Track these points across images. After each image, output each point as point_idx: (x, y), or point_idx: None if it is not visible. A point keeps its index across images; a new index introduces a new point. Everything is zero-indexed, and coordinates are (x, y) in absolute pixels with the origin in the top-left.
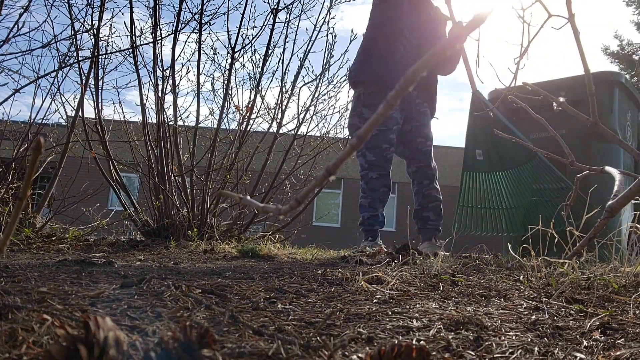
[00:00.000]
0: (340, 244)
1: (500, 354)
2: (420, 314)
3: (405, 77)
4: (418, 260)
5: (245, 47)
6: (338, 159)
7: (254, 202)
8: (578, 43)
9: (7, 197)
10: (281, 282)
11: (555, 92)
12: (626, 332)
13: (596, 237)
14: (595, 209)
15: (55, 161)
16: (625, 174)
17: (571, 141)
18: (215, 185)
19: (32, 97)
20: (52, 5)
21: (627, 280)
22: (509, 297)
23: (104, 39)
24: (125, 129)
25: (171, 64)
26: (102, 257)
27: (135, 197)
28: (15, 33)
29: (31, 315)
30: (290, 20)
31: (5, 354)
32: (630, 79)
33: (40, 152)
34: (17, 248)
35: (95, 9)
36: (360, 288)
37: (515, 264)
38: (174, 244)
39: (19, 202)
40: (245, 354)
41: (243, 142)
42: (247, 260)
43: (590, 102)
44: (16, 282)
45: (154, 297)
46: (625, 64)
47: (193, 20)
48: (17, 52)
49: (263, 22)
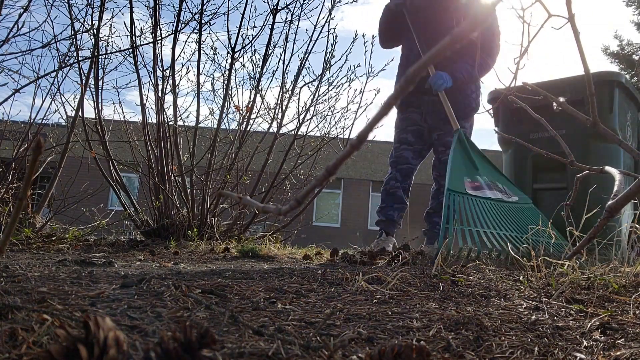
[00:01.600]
0: (341, 244)
1: (500, 354)
2: (420, 314)
3: (405, 77)
4: (417, 260)
5: (245, 47)
6: (338, 159)
7: (254, 202)
8: (578, 43)
9: (7, 197)
10: (281, 282)
11: (555, 92)
12: (626, 332)
13: (596, 237)
14: (595, 209)
15: (55, 161)
16: (625, 174)
17: (571, 141)
18: (215, 185)
19: (32, 97)
20: (52, 5)
21: (627, 280)
22: (509, 297)
23: (104, 39)
24: (125, 129)
25: (171, 64)
26: (102, 257)
27: (135, 197)
28: (15, 33)
29: (31, 315)
30: (290, 20)
31: (5, 354)
32: (630, 79)
33: (40, 152)
34: (17, 248)
35: (95, 9)
36: (360, 288)
37: (515, 264)
38: (174, 244)
39: (19, 202)
40: (245, 354)
41: (243, 142)
42: (247, 260)
43: (590, 102)
44: (16, 282)
45: (154, 297)
46: (625, 64)
47: (193, 20)
48: (17, 52)
49: (263, 22)
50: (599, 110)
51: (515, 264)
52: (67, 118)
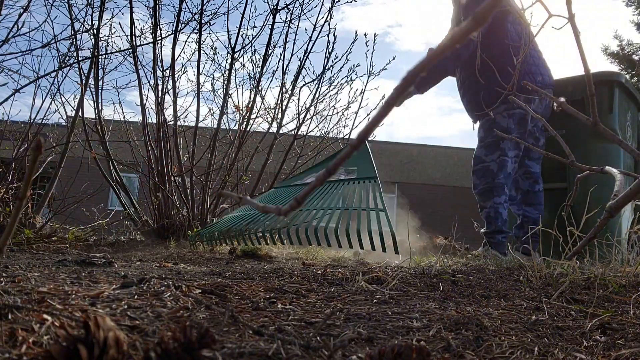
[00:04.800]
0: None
1: (500, 354)
2: (420, 314)
3: (404, 78)
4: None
5: (245, 47)
6: (338, 158)
7: (254, 202)
8: (578, 43)
9: (7, 197)
10: (281, 282)
11: (555, 92)
12: (626, 332)
13: (596, 237)
14: (595, 209)
15: (55, 161)
16: (625, 174)
17: (571, 141)
18: (215, 185)
19: (32, 97)
20: (52, 5)
21: (627, 280)
22: (509, 297)
23: (104, 39)
24: (125, 129)
25: (171, 64)
26: (102, 257)
27: (135, 197)
28: (15, 33)
29: (31, 315)
30: (290, 20)
31: (5, 354)
32: (630, 79)
33: (40, 152)
34: (17, 248)
35: (95, 9)
36: (360, 288)
37: (515, 264)
38: (174, 244)
39: (19, 202)
40: (245, 354)
41: (243, 142)
42: (247, 260)
43: (590, 102)
44: (16, 282)
45: (154, 297)
46: (625, 64)
47: (193, 20)
48: (17, 52)
49: (263, 22)
50: (599, 110)
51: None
52: (67, 118)
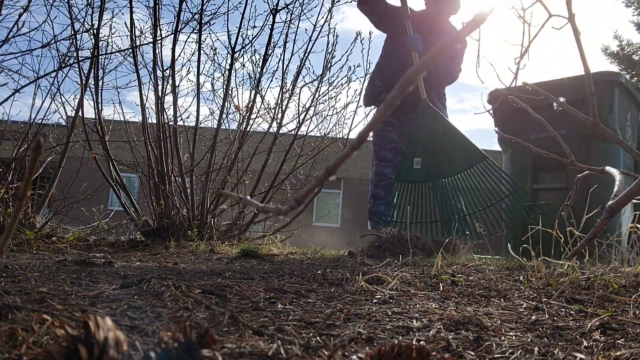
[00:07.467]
0: (340, 244)
1: (500, 354)
2: (420, 314)
3: (404, 77)
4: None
5: (245, 47)
6: (338, 159)
7: (254, 202)
8: (578, 43)
9: (7, 197)
10: (281, 282)
11: (555, 92)
12: (626, 332)
13: (596, 237)
14: (595, 209)
15: (55, 161)
16: (625, 174)
17: (571, 141)
18: (215, 186)
19: (32, 97)
20: (52, 5)
21: (627, 280)
22: (509, 297)
23: (104, 39)
24: (125, 129)
25: (171, 64)
26: (102, 257)
27: (135, 197)
28: (15, 33)
29: (31, 315)
30: (290, 20)
31: (5, 354)
32: (630, 79)
33: (40, 152)
34: (17, 248)
35: (95, 9)
36: (360, 288)
37: (515, 264)
38: (174, 244)
39: (19, 202)
40: (245, 354)
41: (243, 143)
42: (247, 260)
43: (590, 102)
44: (16, 282)
45: (154, 297)
46: (625, 64)
47: (193, 20)
48: (17, 52)
49: (263, 22)
50: (599, 110)
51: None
52: (67, 118)
